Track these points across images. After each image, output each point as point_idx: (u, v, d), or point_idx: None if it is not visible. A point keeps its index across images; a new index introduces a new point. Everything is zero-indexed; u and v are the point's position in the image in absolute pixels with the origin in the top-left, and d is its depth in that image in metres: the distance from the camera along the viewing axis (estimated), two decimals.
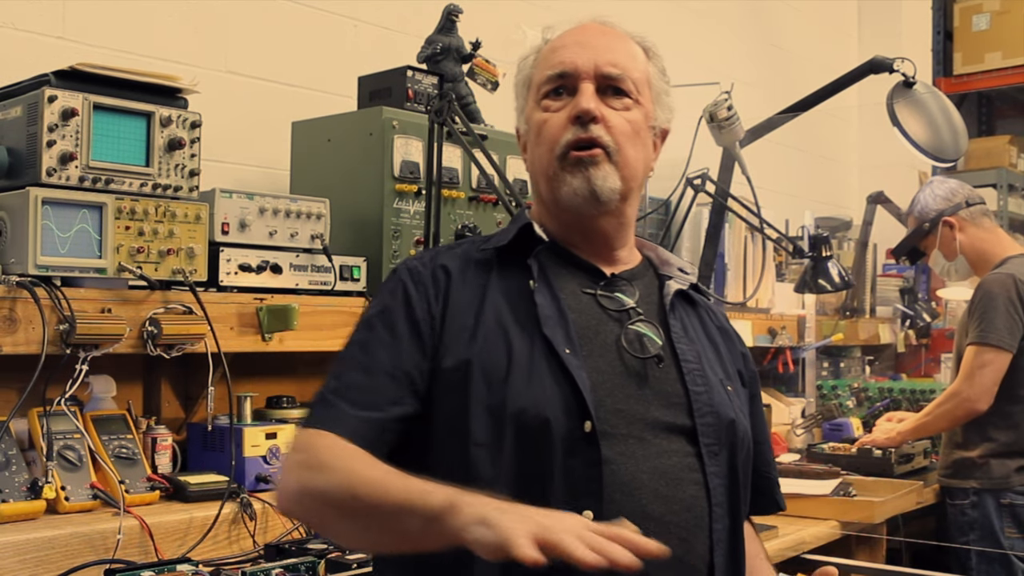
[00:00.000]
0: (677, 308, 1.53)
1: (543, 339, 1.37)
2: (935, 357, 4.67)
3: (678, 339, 1.47)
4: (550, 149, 1.46)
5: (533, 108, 1.51)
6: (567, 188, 1.44)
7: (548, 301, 1.42)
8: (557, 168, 1.45)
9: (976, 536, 3.11)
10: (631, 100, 1.48)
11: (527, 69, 1.55)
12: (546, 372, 1.35)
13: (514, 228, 1.51)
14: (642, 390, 1.40)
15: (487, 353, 1.36)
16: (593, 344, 1.41)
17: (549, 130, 1.46)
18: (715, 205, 3.30)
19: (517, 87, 1.58)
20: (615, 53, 1.49)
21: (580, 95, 1.45)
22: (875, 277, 4.71)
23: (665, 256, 1.61)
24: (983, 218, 3.33)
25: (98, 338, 1.89)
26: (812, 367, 4.13)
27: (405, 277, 1.46)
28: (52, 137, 1.88)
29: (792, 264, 4.16)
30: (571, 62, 1.47)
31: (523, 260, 1.46)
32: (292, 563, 1.74)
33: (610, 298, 1.47)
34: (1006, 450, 3.11)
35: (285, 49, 2.90)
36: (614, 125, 1.45)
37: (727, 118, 2.97)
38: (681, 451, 1.39)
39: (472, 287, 1.44)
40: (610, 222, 1.50)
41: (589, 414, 1.33)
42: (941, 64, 5.60)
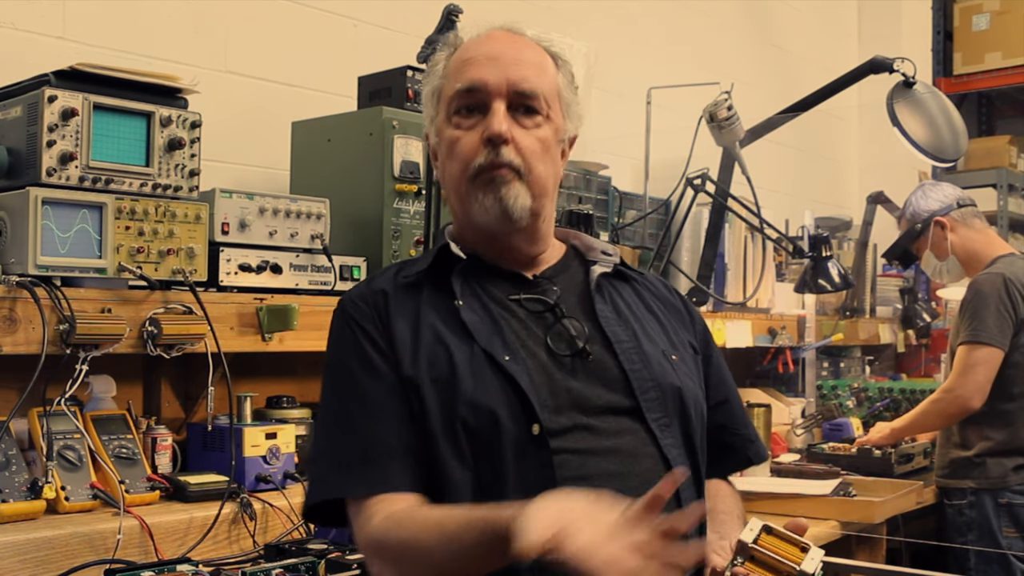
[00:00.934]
0: (605, 290, 1.57)
1: (482, 351, 1.42)
2: (935, 357, 4.67)
3: (607, 322, 1.51)
4: (462, 169, 1.48)
5: (444, 123, 1.52)
6: (478, 206, 1.47)
7: (478, 315, 1.47)
8: (468, 187, 1.48)
9: (974, 536, 3.12)
10: (541, 117, 1.50)
11: (436, 79, 1.55)
12: (490, 379, 1.40)
13: (432, 251, 1.54)
14: (580, 382, 1.44)
15: (431, 367, 1.42)
16: (526, 346, 1.46)
17: (462, 150, 1.48)
18: (715, 205, 3.30)
19: (426, 96, 1.58)
20: (526, 68, 1.49)
21: (492, 116, 1.46)
22: (875, 277, 4.71)
23: (589, 242, 1.65)
24: (974, 219, 3.34)
25: (98, 338, 1.89)
26: (812, 367, 4.13)
27: (350, 310, 1.50)
28: (52, 137, 1.88)
29: (792, 264, 4.16)
30: (481, 79, 1.47)
31: (446, 279, 1.50)
32: (292, 563, 1.74)
33: (534, 300, 1.51)
34: (1003, 449, 3.11)
35: (285, 49, 2.90)
36: (525, 146, 1.47)
37: (727, 118, 2.97)
38: (630, 429, 1.43)
39: (406, 311, 1.48)
40: (523, 236, 1.54)
41: (536, 416, 1.37)
42: (941, 64, 5.60)
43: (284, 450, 2.17)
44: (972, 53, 5.56)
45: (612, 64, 3.77)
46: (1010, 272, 3.15)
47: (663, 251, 3.20)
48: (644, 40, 4.20)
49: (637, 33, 4.18)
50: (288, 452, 2.18)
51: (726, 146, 3.09)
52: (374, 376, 1.44)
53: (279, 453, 2.15)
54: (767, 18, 5.14)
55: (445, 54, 1.56)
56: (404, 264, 1.60)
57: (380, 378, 1.44)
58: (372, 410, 1.42)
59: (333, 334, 1.53)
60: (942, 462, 3.25)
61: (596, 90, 3.36)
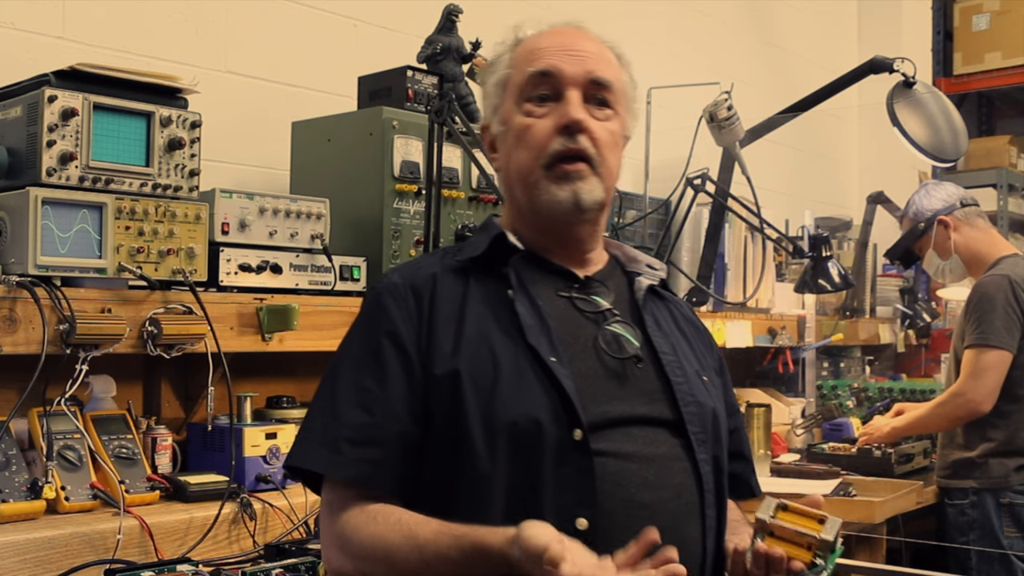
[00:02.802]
0: (649, 304, 1.54)
1: (527, 348, 1.38)
2: (935, 357, 4.67)
3: (653, 333, 1.48)
4: (535, 156, 1.45)
5: (513, 110, 1.49)
6: (550, 198, 1.44)
7: (528, 309, 1.42)
8: (541, 176, 1.45)
9: (976, 536, 3.12)
10: (611, 111, 1.48)
11: (503, 69, 1.53)
12: (534, 380, 1.36)
13: (487, 237, 1.49)
14: (624, 389, 1.41)
15: (473, 363, 1.37)
16: (574, 348, 1.42)
17: (534, 137, 1.45)
18: (715, 205, 3.30)
19: (490, 87, 1.55)
20: (602, 60, 1.49)
21: (568, 103, 1.44)
22: (875, 277, 4.71)
23: (632, 253, 1.62)
24: (977, 219, 3.33)
25: (98, 338, 1.89)
26: (812, 367, 4.13)
27: (384, 296, 1.44)
28: (52, 137, 1.88)
29: (792, 264, 4.16)
30: (556, 66, 1.46)
31: (498, 269, 1.46)
32: (292, 563, 1.74)
33: (586, 300, 1.48)
34: (1005, 449, 3.11)
35: (285, 49, 2.90)
36: (599, 136, 1.45)
37: (727, 118, 2.97)
38: (668, 442, 1.40)
39: (451, 298, 1.43)
40: (587, 229, 1.51)
41: (579, 421, 1.33)
42: (941, 64, 5.61)
43: (284, 450, 2.16)
44: (972, 53, 5.56)
45: None
46: (1015, 273, 3.15)
47: (663, 251, 3.20)
48: (644, 40, 4.20)
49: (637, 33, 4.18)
50: (288, 452, 2.17)
51: (726, 146, 3.09)
52: (401, 367, 1.39)
53: (279, 453, 2.15)
54: (767, 18, 5.14)
55: (508, 47, 1.54)
56: (448, 249, 1.56)
57: (407, 372, 1.38)
58: (387, 400, 1.37)
59: (363, 310, 1.48)
60: (943, 462, 3.25)
61: None
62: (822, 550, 1.32)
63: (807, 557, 1.32)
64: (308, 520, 2.06)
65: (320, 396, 1.44)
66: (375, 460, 1.35)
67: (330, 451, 1.36)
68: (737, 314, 3.68)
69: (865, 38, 5.78)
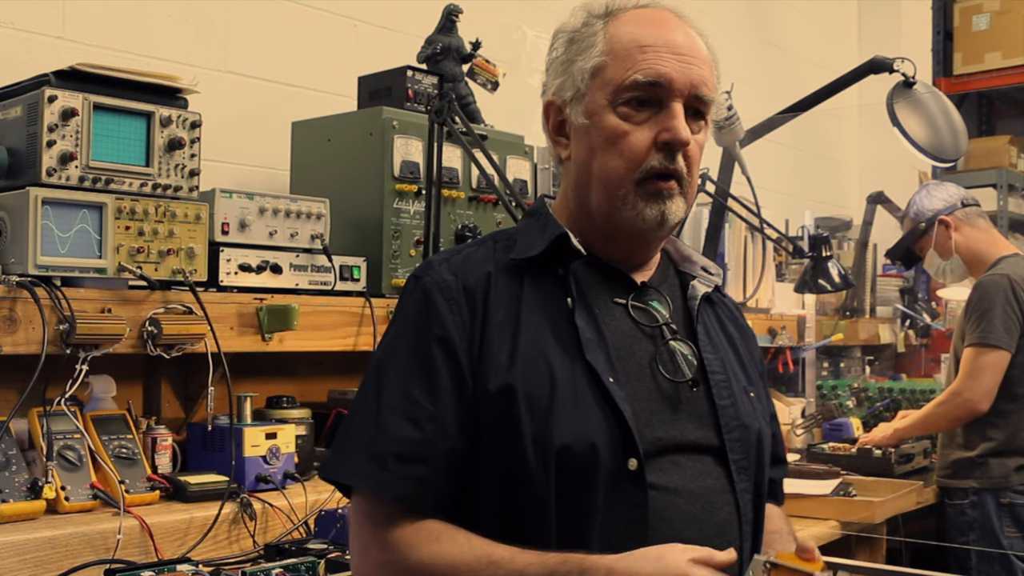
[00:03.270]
0: (702, 313, 1.46)
1: (585, 365, 1.31)
2: (935, 357, 4.67)
3: (705, 349, 1.41)
4: (629, 169, 1.35)
5: (605, 107, 1.36)
6: (636, 215, 1.35)
7: (587, 321, 1.35)
8: (631, 190, 1.35)
9: (976, 536, 3.12)
10: (704, 122, 1.40)
11: (596, 54, 1.38)
12: (591, 403, 1.29)
13: (544, 235, 1.39)
14: (676, 413, 1.36)
15: (529, 379, 1.29)
16: (629, 366, 1.35)
17: (631, 147, 1.35)
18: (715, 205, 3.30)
19: (575, 68, 1.40)
20: (704, 67, 1.39)
21: (674, 119, 1.34)
22: (875, 277, 4.71)
23: (686, 252, 1.53)
24: (978, 219, 3.34)
25: (98, 338, 1.89)
26: (812, 367, 4.13)
27: (434, 294, 1.35)
28: (52, 137, 1.88)
29: (792, 264, 4.16)
30: (667, 75, 1.34)
31: (553, 269, 1.38)
32: (292, 563, 1.74)
33: (643, 310, 1.40)
34: (1005, 449, 3.11)
35: (285, 49, 2.90)
36: (692, 154, 1.37)
37: (727, 118, 2.97)
38: (713, 473, 1.36)
39: (505, 301, 1.35)
40: (657, 243, 1.45)
41: (636, 451, 1.28)
42: (941, 64, 5.60)
43: (284, 450, 2.17)
44: (972, 53, 5.56)
45: None
46: (1015, 273, 3.15)
47: None
48: None
49: None
50: (288, 452, 2.18)
51: (726, 146, 3.09)
52: (453, 378, 1.30)
53: (279, 453, 2.15)
54: (767, 18, 5.14)
55: (600, 19, 1.41)
56: (497, 237, 1.45)
57: (459, 384, 1.30)
58: (438, 415, 1.29)
59: (411, 305, 1.37)
60: (944, 462, 3.25)
61: None
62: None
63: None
64: (308, 520, 2.06)
65: (363, 401, 1.35)
66: (423, 478, 1.28)
67: (376, 467, 1.29)
68: None
69: (865, 38, 5.78)
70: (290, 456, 2.18)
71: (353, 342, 2.34)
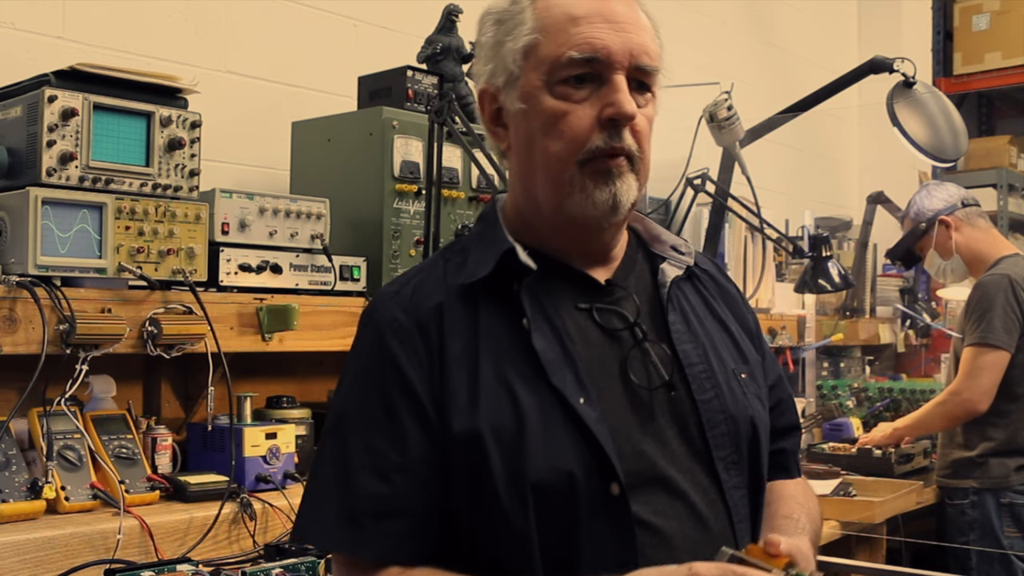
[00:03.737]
0: (675, 295, 1.35)
1: (551, 389, 1.21)
2: (935, 357, 4.67)
3: (681, 341, 1.32)
4: (571, 151, 1.24)
5: (541, 89, 1.25)
6: (585, 199, 1.25)
7: (548, 340, 1.24)
8: (576, 172, 1.24)
9: (976, 536, 3.12)
10: (651, 94, 1.30)
11: (526, 31, 1.27)
12: (562, 431, 1.20)
13: (494, 253, 1.28)
14: (655, 422, 1.27)
15: (494, 415, 1.20)
16: (600, 379, 1.25)
17: (571, 127, 1.24)
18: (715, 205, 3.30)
19: (506, 52, 1.28)
20: (645, 34, 1.28)
21: (617, 92, 1.23)
22: (875, 277, 4.71)
23: (655, 231, 1.42)
24: (978, 219, 3.34)
25: (98, 338, 1.89)
26: (812, 367, 4.13)
27: (387, 336, 1.25)
28: (52, 137, 1.88)
29: (792, 264, 4.16)
30: (604, 46, 1.23)
31: (508, 284, 1.27)
32: (292, 563, 1.74)
33: (608, 313, 1.30)
34: (1005, 449, 3.11)
35: (285, 49, 2.90)
36: (640, 129, 1.27)
37: (727, 118, 2.97)
38: (701, 479, 1.27)
39: (461, 332, 1.25)
40: (613, 231, 1.33)
41: (616, 476, 1.19)
42: (941, 64, 5.60)
43: (284, 450, 2.17)
44: (972, 53, 5.56)
45: None
46: (1015, 273, 3.15)
47: None
48: None
49: None
50: (288, 452, 2.18)
51: (726, 146, 3.09)
52: (419, 424, 1.22)
53: (279, 453, 2.15)
54: (767, 18, 5.14)
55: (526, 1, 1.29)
56: (448, 254, 1.34)
57: (424, 429, 1.22)
58: (408, 465, 1.21)
59: (364, 350, 1.29)
60: (944, 462, 3.25)
61: None
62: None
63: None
64: None
65: (329, 459, 1.26)
66: (400, 532, 1.21)
67: (352, 527, 1.21)
68: None
69: (865, 38, 5.78)
70: (290, 456, 2.18)
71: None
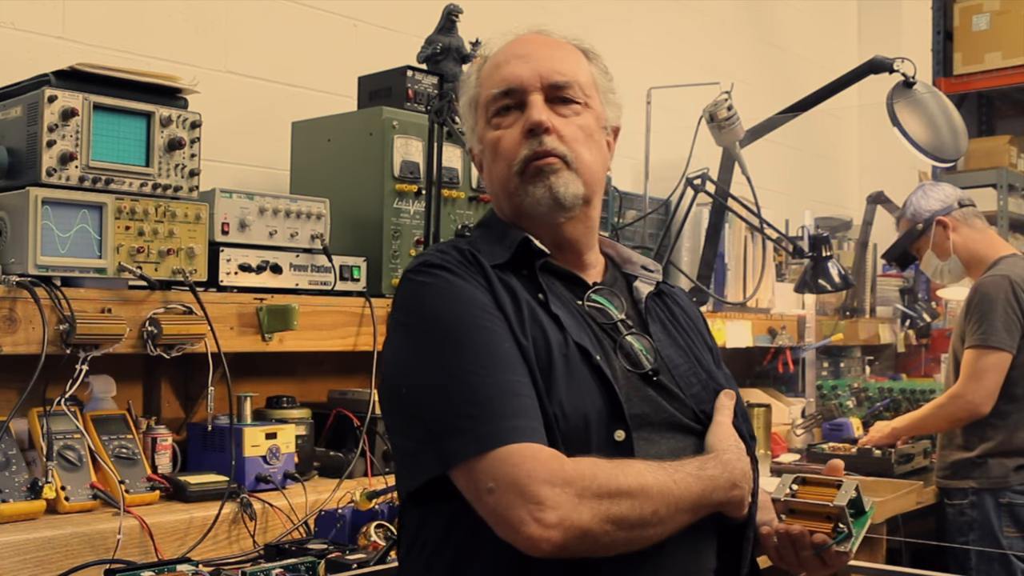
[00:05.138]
0: (652, 307, 1.54)
1: (575, 344, 1.36)
2: (935, 357, 4.67)
3: (662, 345, 1.48)
4: (508, 165, 1.46)
5: (484, 128, 1.51)
6: (529, 199, 1.45)
7: (564, 312, 1.41)
8: (518, 182, 1.46)
9: (975, 536, 3.12)
10: (580, 105, 1.48)
11: (472, 89, 1.54)
12: (584, 376, 1.34)
13: (507, 243, 1.46)
14: (646, 392, 1.42)
15: (534, 344, 1.34)
16: (607, 353, 1.42)
17: (505, 147, 1.47)
18: (715, 205, 3.30)
19: (464, 108, 1.57)
20: (557, 61, 1.49)
21: (530, 108, 1.45)
22: (875, 277, 4.71)
23: (625, 253, 1.61)
24: (975, 219, 3.34)
25: (98, 338, 1.89)
26: (812, 367, 4.13)
27: (452, 272, 1.38)
28: (52, 137, 1.88)
29: (792, 264, 4.16)
30: (516, 77, 1.47)
31: (518, 272, 1.44)
32: (292, 563, 1.73)
33: (599, 310, 1.48)
34: (1004, 449, 3.11)
35: (285, 49, 2.90)
36: (566, 134, 1.45)
37: (727, 118, 2.97)
38: (690, 446, 1.40)
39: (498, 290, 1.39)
40: (578, 227, 1.50)
41: (625, 422, 1.33)
42: (941, 64, 5.61)
43: (284, 450, 2.17)
44: (972, 53, 5.57)
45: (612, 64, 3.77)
46: (1015, 274, 3.15)
47: (663, 251, 3.20)
48: (644, 40, 4.20)
49: (637, 33, 4.19)
50: (288, 452, 2.18)
51: (726, 146, 3.09)
52: (505, 330, 1.33)
53: (279, 453, 2.15)
54: (767, 18, 5.14)
55: (476, 65, 1.56)
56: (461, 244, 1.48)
57: (511, 335, 1.33)
58: (515, 364, 1.30)
59: (430, 290, 1.37)
60: (943, 462, 3.25)
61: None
62: (842, 517, 1.30)
63: (828, 527, 1.31)
64: (308, 520, 2.06)
65: (438, 390, 1.29)
66: (539, 421, 1.28)
67: (506, 422, 1.25)
68: (737, 314, 3.68)
69: (865, 38, 5.78)
70: (290, 456, 2.18)
71: (353, 342, 2.34)
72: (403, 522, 1.47)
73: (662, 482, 1.27)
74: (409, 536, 1.43)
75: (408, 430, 1.34)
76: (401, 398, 1.34)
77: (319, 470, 2.32)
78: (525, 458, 1.22)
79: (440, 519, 1.35)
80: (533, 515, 1.20)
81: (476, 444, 1.23)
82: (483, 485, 1.23)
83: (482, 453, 1.23)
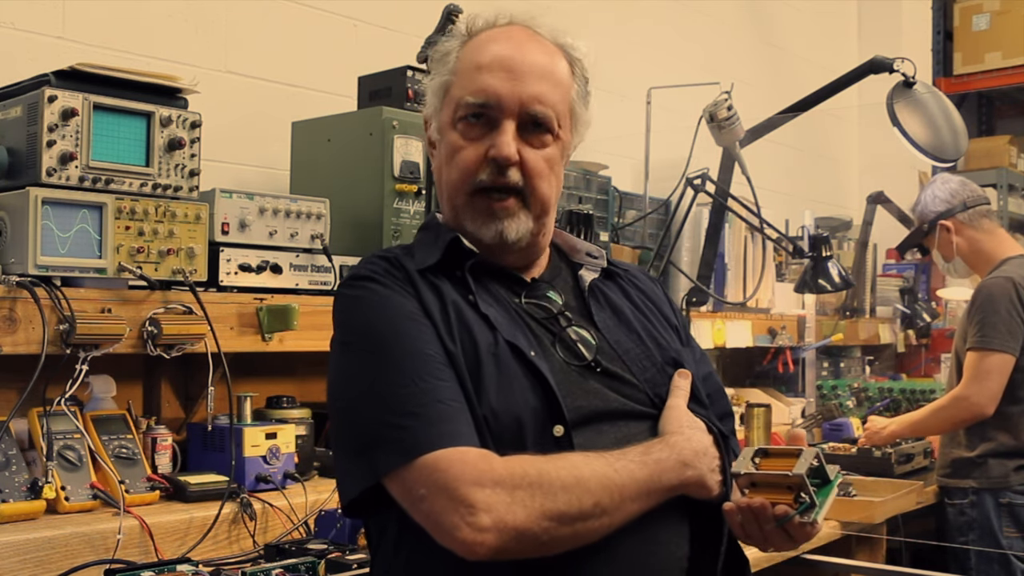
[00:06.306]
0: (598, 294, 1.50)
1: (506, 342, 1.33)
2: (935, 357, 4.67)
3: (608, 331, 1.45)
4: (463, 180, 1.41)
5: (448, 125, 1.44)
6: (476, 230, 1.42)
7: (495, 311, 1.38)
8: (465, 202, 1.42)
9: (975, 536, 3.12)
10: (551, 136, 1.43)
11: (445, 73, 1.46)
12: (516, 374, 1.31)
13: (439, 244, 1.43)
14: (589, 383, 1.38)
15: (460, 344, 1.31)
16: (544, 349, 1.38)
17: (463, 161, 1.41)
18: (715, 205, 3.30)
19: (433, 86, 1.48)
20: (541, 82, 1.41)
21: (501, 136, 1.39)
22: (875, 277, 4.71)
23: (571, 242, 1.58)
24: (982, 219, 3.33)
25: (98, 338, 1.89)
26: (812, 367, 4.13)
27: (380, 283, 1.37)
28: (52, 137, 1.88)
29: (792, 264, 4.16)
30: (494, 93, 1.39)
31: (451, 274, 1.41)
32: (292, 563, 1.74)
33: (536, 306, 1.44)
34: (1005, 450, 3.11)
35: (285, 49, 2.90)
36: (531, 167, 1.41)
37: (727, 118, 2.97)
38: (644, 432, 1.36)
39: (427, 287, 1.38)
40: (519, 254, 1.47)
41: (562, 417, 1.30)
42: (941, 64, 5.61)
43: (284, 450, 2.17)
44: (972, 53, 5.56)
45: (612, 64, 3.77)
46: (1019, 275, 3.15)
47: (663, 251, 3.20)
48: (644, 40, 4.20)
49: (637, 33, 4.18)
50: (288, 452, 2.18)
51: (726, 146, 3.09)
52: (431, 336, 1.31)
53: (279, 453, 2.15)
54: (767, 18, 5.14)
55: (457, 43, 1.47)
56: (393, 252, 1.46)
57: (437, 340, 1.31)
58: (440, 370, 1.28)
59: (358, 303, 1.37)
60: (943, 462, 3.25)
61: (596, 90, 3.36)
62: (803, 486, 1.26)
63: (790, 498, 1.26)
64: (308, 520, 2.06)
65: (363, 400, 1.30)
66: (467, 424, 1.27)
67: (430, 428, 1.24)
68: (737, 314, 3.68)
69: (865, 38, 5.78)
70: (290, 456, 2.18)
71: None
72: (368, 529, 1.49)
73: (600, 472, 1.23)
74: (373, 543, 1.44)
75: (342, 442, 1.34)
76: (337, 413, 1.35)
77: (319, 470, 2.32)
78: (452, 462, 1.21)
79: (391, 525, 1.35)
80: (465, 519, 1.18)
81: (403, 453, 1.23)
82: (415, 493, 1.22)
83: (410, 461, 1.22)
